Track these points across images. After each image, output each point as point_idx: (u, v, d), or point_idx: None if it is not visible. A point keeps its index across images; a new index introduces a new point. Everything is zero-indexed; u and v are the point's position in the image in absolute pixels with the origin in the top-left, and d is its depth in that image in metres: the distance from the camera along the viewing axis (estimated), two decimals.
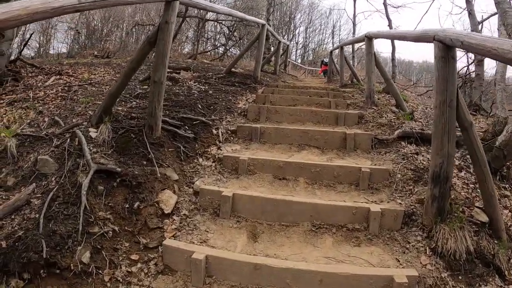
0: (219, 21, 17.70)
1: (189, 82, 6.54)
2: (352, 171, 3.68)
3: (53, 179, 3.19)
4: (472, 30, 10.43)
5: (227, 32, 17.87)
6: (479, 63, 10.29)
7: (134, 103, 4.89)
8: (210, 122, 4.64)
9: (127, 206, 3.00)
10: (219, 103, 5.50)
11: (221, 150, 4.23)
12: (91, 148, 3.42)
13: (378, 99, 6.82)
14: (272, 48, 14.11)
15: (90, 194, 2.96)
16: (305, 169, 3.72)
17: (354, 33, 13.45)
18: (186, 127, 4.33)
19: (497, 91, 4.78)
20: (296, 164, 3.75)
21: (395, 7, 12.58)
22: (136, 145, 3.59)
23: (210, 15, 17.04)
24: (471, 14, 10.42)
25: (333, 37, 34.81)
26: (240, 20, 13.41)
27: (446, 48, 2.78)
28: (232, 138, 4.57)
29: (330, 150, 4.37)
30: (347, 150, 4.34)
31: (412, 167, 3.87)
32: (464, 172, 3.94)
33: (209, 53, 18.42)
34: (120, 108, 4.50)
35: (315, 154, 4.22)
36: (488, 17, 11.03)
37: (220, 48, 18.42)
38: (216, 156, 4.08)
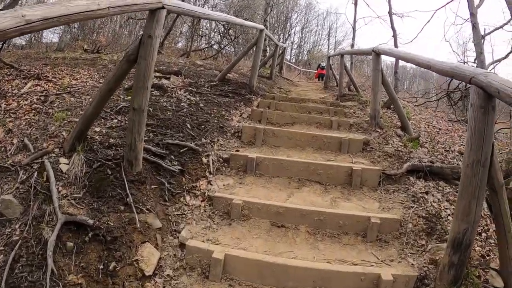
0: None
1: (179, 92, 6.03)
2: (360, 221, 3.25)
3: (17, 226, 2.69)
4: (475, 44, 10.09)
5: (223, 29, 17.26)
6: None
7: (115, 121, 4.36)
8: (200, 149, 4.15)
9: (101, 267, 2.52)
10: (210, 120, 5.02)
11: (211, 185, 3.76)
12: (60, 188, 2.93)
13: (381, 117, 6.42)
14: (268, 48, 13.58)
15: (58, 253, 2.48)
16: (306, 216, 3.28)
17: (353, 38, 13.03)
18: (172, 156, 3.85)
19: None
20: (296, 211, 3.30)
21: (399, 16, 12.00)
22: (113, 184, 3.09)
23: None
24: (475, 27, 10.06)
25: (329, 39, 34.40)
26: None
27: (487, 97, 2.35)
28: (224, 169, 4.09)
29: (334, 186, 3.93)
30: (353, 187, 3.91)
31: (423, 214, 3.48)
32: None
33: (203, 51, 17.78)
34: (97, 129, 3.98)
35: (317, 193, 3.77)
36: (492, 31, 10.66)
37: (215, 46, 17.73)
38: (206, 194, 3.61)
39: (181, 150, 3.96)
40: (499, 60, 10.73)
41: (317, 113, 6.42)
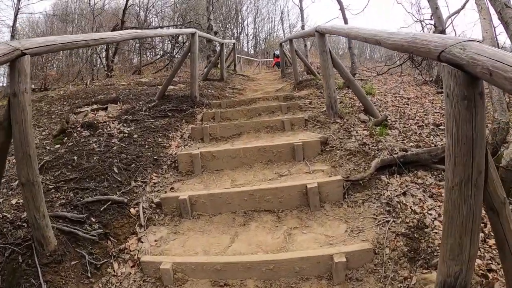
0: (161, 27, 16.09)
1: (112, 125, 5.18)
2: (321, 261, 2.49)
3: None
4: (429, 0, 9.43)
5: (171, 39, 16.31)
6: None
7: None
8: (127, 199, 3.36)
9: None
10: (143, 154, 4.21)
11: (142, 242, 2.99)
12: None
13: (341, 102, 5.70)
14: (217, 48, 12.75)
15: None
16: (253, 269, 2.51)
17: (302, 19, 12.26)
18: (93, 218, 3.07)
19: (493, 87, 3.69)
20: (239, 265, 2.53)
21: None
22: (26, 274, 2.46)
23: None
24: None
25: (282, 24, 33.88)
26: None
27: (470, 81, 1.53)
28: (157, 217, 3.30)
29: (289, 212, 3.17)
30: (311, 208, 3.16)
31: (403, 230, 2.75)
32: None
33: (155, 64, 16.78)
34: (13, 202, 3.21)
35: (267, 227, 3.00)
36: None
37: (165, 56, 16.75)
38: (136, 256, 2.86)
39: (103, 207, 3.18)
40: (457, 12, 10.12)
41: (268, 113, 5.66)
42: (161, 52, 17.90)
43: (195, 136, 4.93)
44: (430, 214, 2.96)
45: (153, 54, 18.76)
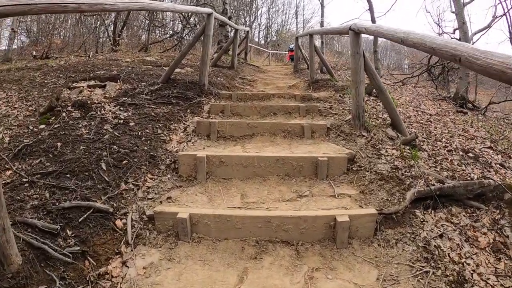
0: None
1: (107, 108, 4.57)
2: None
3: None
4: (456, 13, 8.83)
5: (182, 18, 15.51)
6: None
7: (8, 173, 2.97)
8: (112, 207, 2.78)
9: None
10: (139, 149, 3.62)
11: (127, 267, 2.40)
12: None
13: (365, 111, 5.12)
14: (230, 34, 12.06)
15: None
16: None
17: (322, 15, 11.52)
18: (68, 230, 2.49)
19: None
20: None
21: None
22: None
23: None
24: None
25: (296, 17, 32.88)
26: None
27: None
28: (148, 234, 2.69)
29: (310, 247, 2.59)
30: (337, 245, 2.59)
31: (443, 285, 2.23)
32: None
33: (163, 43, 15.99)
34: None
35: (284, 267, 2.42)
36: None
37: (175, 37, 15.95)
38: (118, 287, 2.26)
39: (83, 217, 2.58)
40: (484, 29, 9.48)
41: (284, 114, 5.07)
42: (171, 31, 17.04)
43: (200, 132, 4.33)
44: (468, 265, 2.50)
45: (163, 32, 17.93)
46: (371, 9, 7.89)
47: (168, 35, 16.74)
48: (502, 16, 8.20)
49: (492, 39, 28.35)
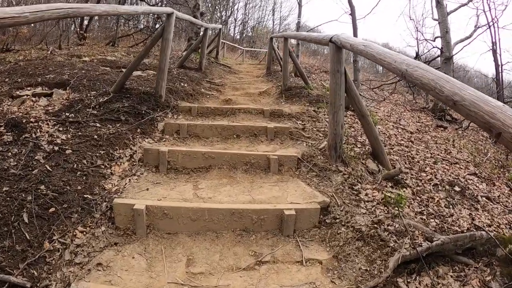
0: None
1: (44, 129, 3.77)
2: None
3: None
4: (439, 22, 8.42)
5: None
6: (447, 61, 8.33)
7: None
8: (29, 284, 2.11)
9: None
10: (71, 189, 2.91)
11: None
12: None
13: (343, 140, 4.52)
14: (200, 31, 11.22)
15: None
16: None
17: (299, 15, 10.87)
18: None
19: None
20: None
21: None
22: None
23: None
24: (439, 3, 8.38)
25: (273, 14, 32.04)
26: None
27: None
28: None
29: None
30: None
31: None
32: None
33: (133, 36, 14.92)
34: None
35: None
36: (458, 8, 9.04)
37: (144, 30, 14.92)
38: None
39: None
40: (466, 39, 9.11)
41: (249, 137, 4.41)
42: (142, 25, 15.99)
43: (148, 161, 3.61)
44: None
45: (133, 25, 16.83)
46: (353, 13, 7.26)
47: (136, 29, 15.68)
48: (486, 29, 7.82)
49: (473, 49, 28.23)
